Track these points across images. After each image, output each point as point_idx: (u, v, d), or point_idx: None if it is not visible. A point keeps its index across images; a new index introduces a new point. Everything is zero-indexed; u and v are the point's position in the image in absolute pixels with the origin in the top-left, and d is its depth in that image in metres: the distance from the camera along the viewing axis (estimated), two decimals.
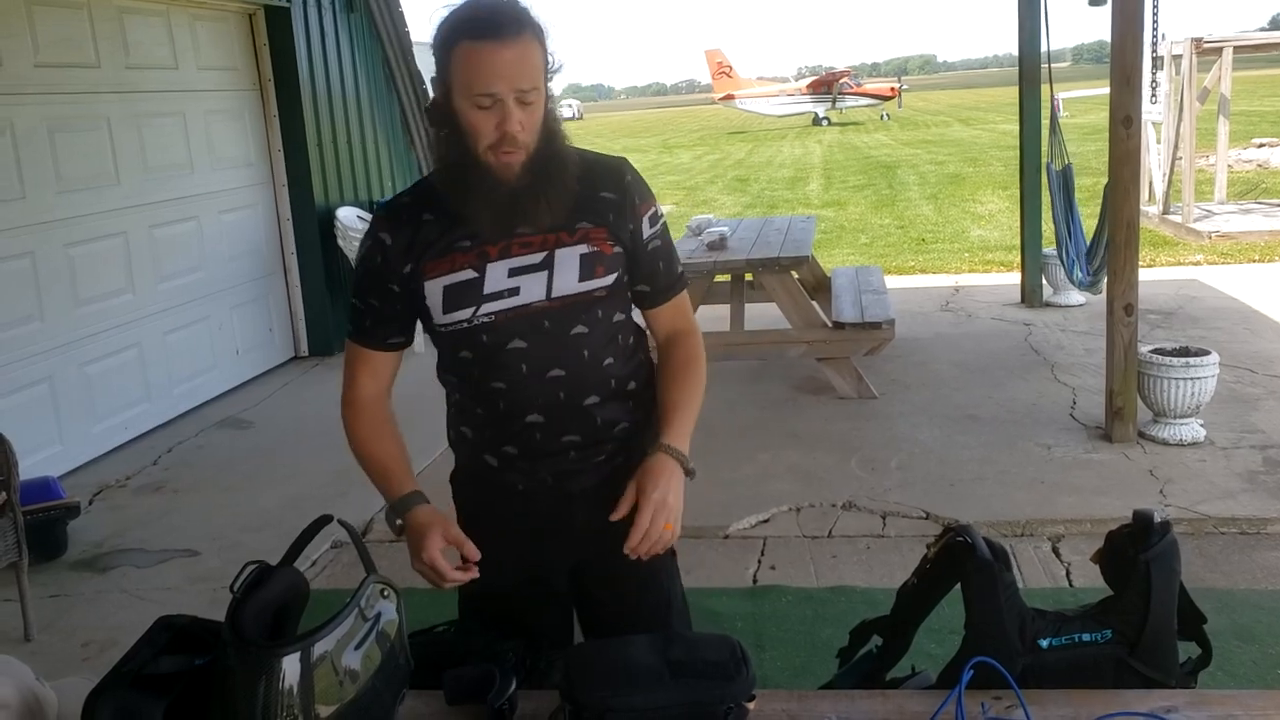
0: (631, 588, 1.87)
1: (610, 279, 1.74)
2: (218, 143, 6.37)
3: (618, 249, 1.75)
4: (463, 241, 1.70)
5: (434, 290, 1.71)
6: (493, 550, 1.71)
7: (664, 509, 1.67)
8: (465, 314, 1.70)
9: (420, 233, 1.71)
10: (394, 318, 1.77)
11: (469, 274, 1.69)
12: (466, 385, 1.79)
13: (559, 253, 1.71)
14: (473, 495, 1.87)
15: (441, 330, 1.74)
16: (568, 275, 1.71)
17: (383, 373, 1.82)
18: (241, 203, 6.61)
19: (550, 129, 1.68)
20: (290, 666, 1.29)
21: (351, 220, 7.22)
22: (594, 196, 1.74)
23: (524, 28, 1.59)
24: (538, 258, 1.70)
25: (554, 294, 1.71)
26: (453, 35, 1.60)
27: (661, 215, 1.83)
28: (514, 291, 1.70)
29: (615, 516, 1.68)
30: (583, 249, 1.72)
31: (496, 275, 1.69)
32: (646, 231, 1.79)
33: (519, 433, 1.77)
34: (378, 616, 1.40)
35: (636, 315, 1.86)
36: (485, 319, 1.70)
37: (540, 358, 1.72)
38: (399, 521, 1.72)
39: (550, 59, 1.65)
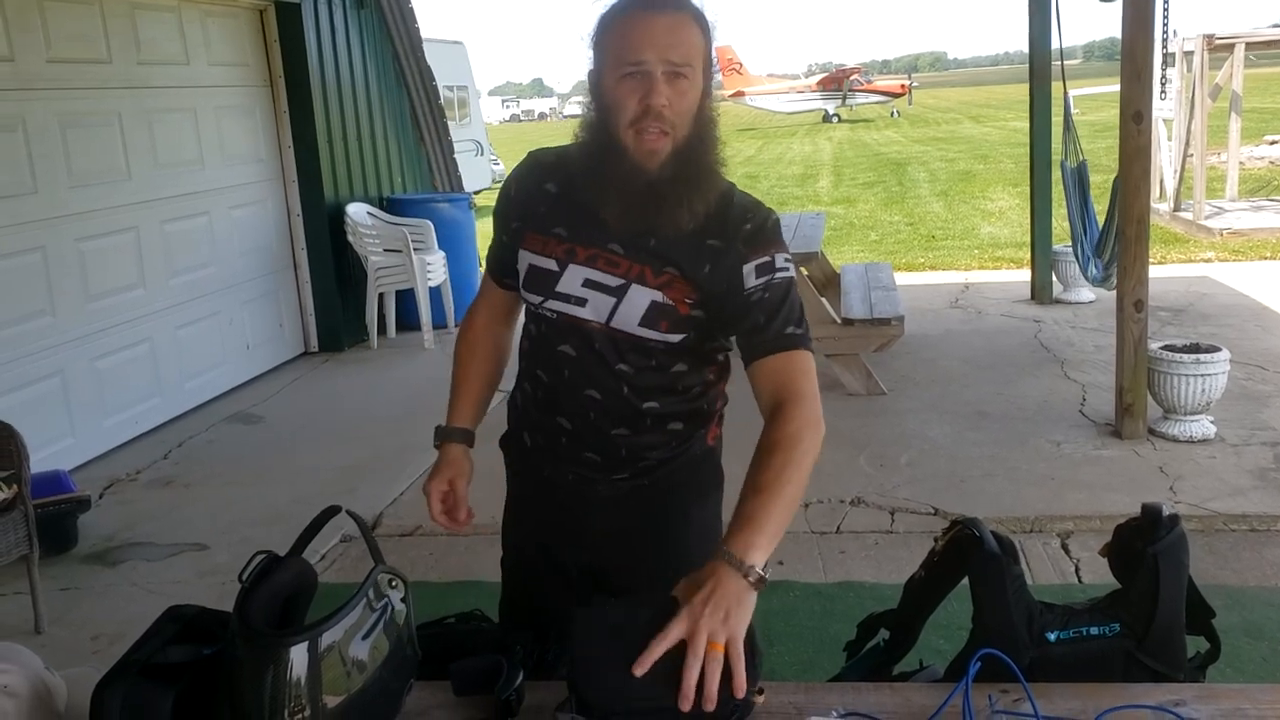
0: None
1: (675, 338, 1.65)
2: (228, 138, 6.38)
3: (696, 312, 1.64)
4: (560, 229, 1.68)
5: (523, 261, 1.72)
6: (515, 528, 1.74)
7: (704, 623, 1.33)
8: (536, 298, 1.71)
9: (536, 198, 1.72)
10: (508, 259, 1.77)
11: (551, 264, 1.68)
12: (528, 357, 1.80)
13: (635, 288, 1.63)
14: (511, 465, 1.91)
15: (521, 297, 1.78)
16: (631, 314, 1.64)
17: (498, 308, 1.89)
18: (252, 198, 6.63)
19: (704, 129, 1.60)
20: (298, 656, 1.28)
21: (361, 216, 7.23)
22: (700, 244, 1.62)
23: (685, 8, 1.57)
24: (615, 282, 1.63)
25: (611, 323, 1.65)
26: (613, 14, 1.59)
27: (778, 267, 1.63)
28: (581, 302, 1.66)
29: (639, 669, 1.32)
30: (657, 297, 1.62)
31: (572, 278, 1.66)
32: (748, 282, 1.61)
33: (547, 427, 1.78)
34: (385, 607, 1.40)
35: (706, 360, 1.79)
36: (548, 312, 1.70)
37: (582, 372, 1.70)
38: (436, 445, 1.84)
39: (713, 55, 1.60)
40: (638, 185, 1.57)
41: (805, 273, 6.08)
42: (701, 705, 1.29)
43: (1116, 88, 4.68)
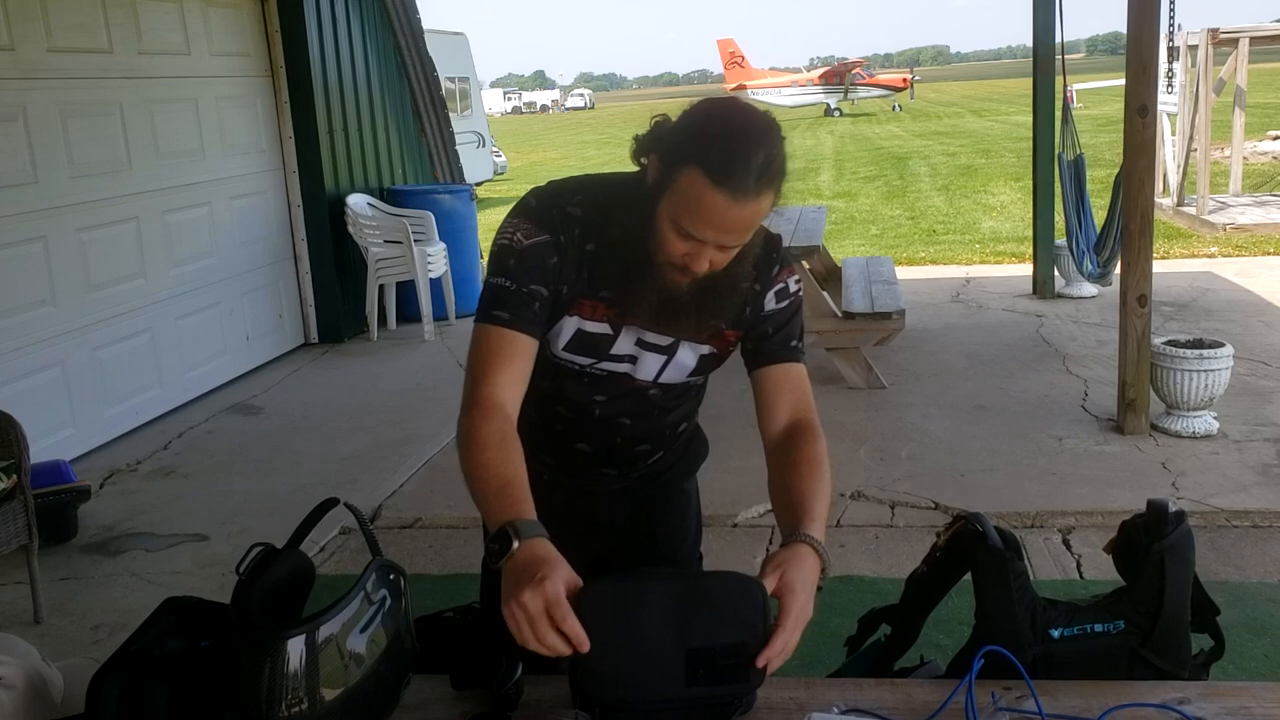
0: None
1: (712, 370, 1.73)
2: (229, 129, 6.37)
3: (732, 346, 1.69)
4: (606, 292, 1.60)
5: (568, 326, 1.62)
6: None
7: (805, 620, 1.41)
8: (583, 361, 1.65)
9: (581, 261, 1.59)
10: (545, 316, 1.60)
11: (604, 329, 1.62)
12: (547, 397, 1.72)
13: (684, 345, 1.65)
14: None
15: (547, 353, 1.64)
16: (680, 368, 1.67)
17: (528, 371, 1.57)
18: (252, 189, 6.61)
19: (741, 256, 1.54)
20: (295, 649, 1.28)
21: (362, 207, 7.21)
22: (739, 289, 1.63)
23: (767, 184, 1.43)
24: (665, 341, 1.65)
25: (660, 380, 1.68)
26: (691, 152, 1.42)
27: (792, 291, 1.68)
28: (633, 360, 1.65)
29: (770, 587, 1.40)
30: (705, 350, 1.67)
31: (627, 340, 1.64)
32: (768, 307, 1.66)
33: (562, 452, 1.77)
34: (383, 600, 1.39)
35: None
36: (596, 372, 1.67)
37: (616, 409, 1.72)
38: (516, 544, 1.34)
39: (776, 202, 1.48)
40: (660, 299, 1.55)
41: (807, 266, 6.07)
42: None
43: (1121, 82, 4.66)
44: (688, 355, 1.66)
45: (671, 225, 1.47)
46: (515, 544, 1.34)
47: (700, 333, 1.63)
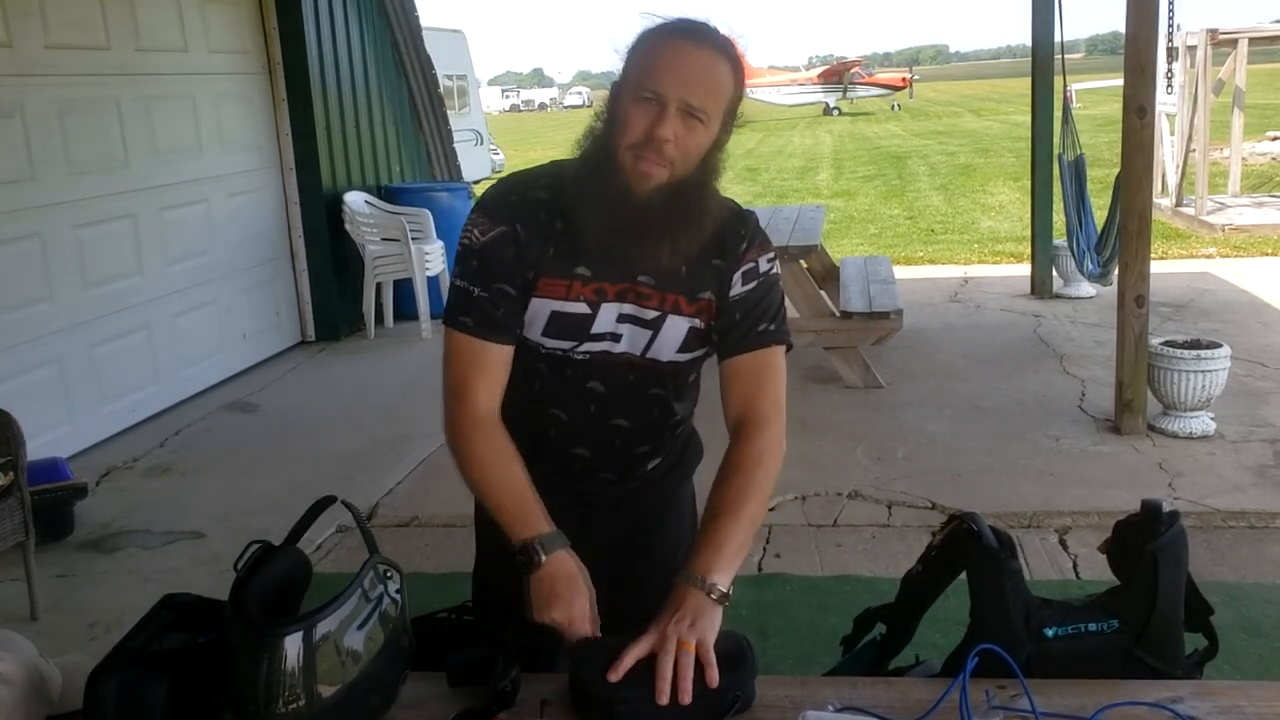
0: (652, 597, 1.86)
1: (702, 351, 1.69)
2: (227, 126, 6.36)
3: (712, 323, 1.66)
4: (583, 269, 1.58)
5: (540, 309, 1.60)
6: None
7: (670, 629, 1.43)
8: (564, 345, 1.62)
9: (549, 241, 1.58)
10: (513, 312, 1.61)
11: (582, 308, 1.59)
12: (539, 398, 1.69)
13: (672, 318, 1.62)
14: None
15: (529, 343, 1.64)
16: (669, 344, 1.64)
17: (498, 378, 1.61)
18: (250, 186, 6.61)
19: (706, 176, 1.55)
20: (292, 646, 1.28)
21: (359, 205, 7.21)
22: (707, 264, 1.62)
23: (724, 51, 1.52)
24: (650, 315, 1.61)
25: (648, 355, 1.64)
26: (651, 33, 1.54)
27: (762, 271, 1.65)
28: (616, 337, 1.62)
29: (613, 675, 1.39)
30: (695, 323, 1.63)
31: (607, 316, 1.60)
32: (735, 290, 1.63)
33: (559, 458, 1.74)
34: (380, 597, 1.39)
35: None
36: (580, 355, 1.63)
37: (612, 405, 1.68)
38: (542, 558, 1.50)
39: (738, 111, 1.56)
40: (624, 210, 1.52)
41: (805, 265, 6.07)
42: (678, 698, 1.35)
43: (1119, 82, 4.67)
44: (675, 328, 1.62)
45: (635, 97, 1.50)
46: (542, 558, 1.49)
47: (672, 253, 1.56)
